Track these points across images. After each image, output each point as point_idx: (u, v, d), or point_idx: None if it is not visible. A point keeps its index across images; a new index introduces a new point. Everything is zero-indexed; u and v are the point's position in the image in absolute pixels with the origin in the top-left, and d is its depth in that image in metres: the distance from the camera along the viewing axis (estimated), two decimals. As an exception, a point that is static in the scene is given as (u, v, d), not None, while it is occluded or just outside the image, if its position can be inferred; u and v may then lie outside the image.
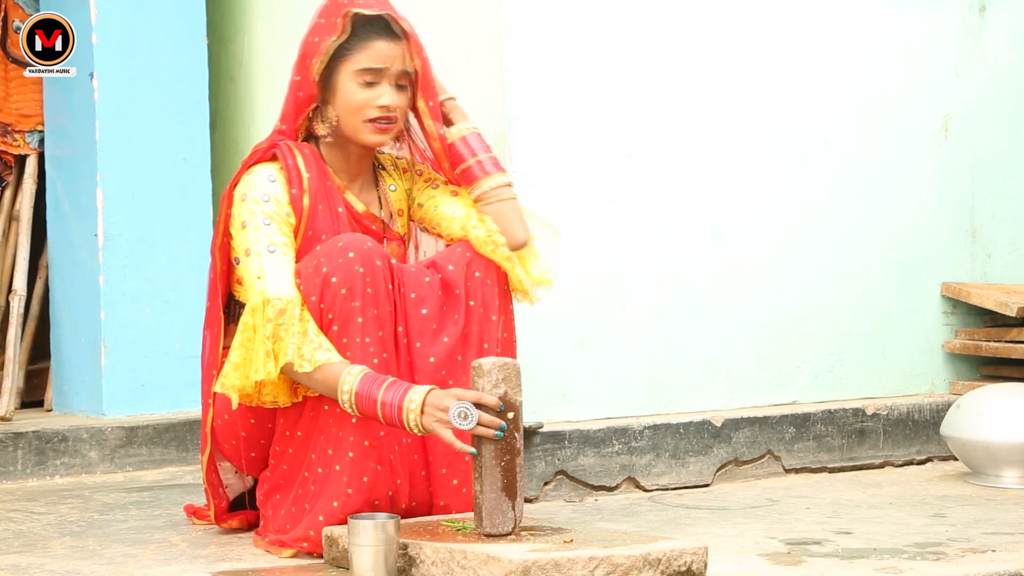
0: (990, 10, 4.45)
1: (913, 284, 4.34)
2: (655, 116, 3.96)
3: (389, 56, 3.18)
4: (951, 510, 3.53)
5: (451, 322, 3.13)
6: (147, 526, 3.42)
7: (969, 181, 4.43)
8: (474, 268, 3.17)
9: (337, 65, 3.19)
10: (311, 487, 3.07)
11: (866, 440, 4.14)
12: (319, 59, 3.18)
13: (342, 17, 3.17)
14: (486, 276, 3.17)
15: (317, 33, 3.21)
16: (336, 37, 3.18)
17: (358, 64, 3.17)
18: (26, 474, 4.16)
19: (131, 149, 4.49)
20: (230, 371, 3.04)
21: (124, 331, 4.46)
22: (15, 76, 4.73)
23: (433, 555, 2.80)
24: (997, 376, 4.31)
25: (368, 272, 3.04)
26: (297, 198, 3.15)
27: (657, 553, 2.75)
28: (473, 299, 3.15)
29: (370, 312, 3.04)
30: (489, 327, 3.16)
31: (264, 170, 3.17)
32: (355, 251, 3.05)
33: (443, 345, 3.12)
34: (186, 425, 4.34)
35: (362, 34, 3.18)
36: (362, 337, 3.03)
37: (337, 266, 3.04)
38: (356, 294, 3.03)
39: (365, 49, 3.18)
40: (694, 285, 4.01)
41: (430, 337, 3.12)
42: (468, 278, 3.16)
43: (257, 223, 3.11)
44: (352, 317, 3.03)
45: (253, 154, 3.21)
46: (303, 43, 3.24)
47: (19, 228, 4.71)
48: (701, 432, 3.91)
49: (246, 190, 3.15)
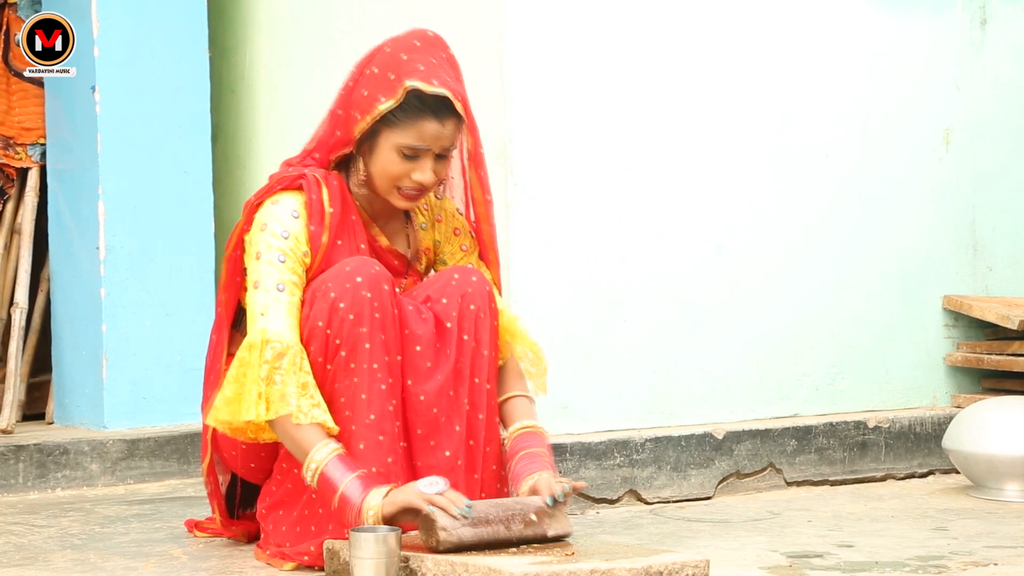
0: (991, 24, 4.45)
1: (914, 297, 4.34)
2: (656, 129, 3.96)
3: (437, 138, 3.07)
4: (953, 523, 3.52)
5: (444, 359, 3.10)
6: (148, 539, 3.41)
7: (970, 194, 4.43)
8: (468, 301, 3.12)
9: (381, 128, 3.08)
10: (318, 509, 3.06)
11: (868, 453, 4.14)
12: (365, 118, 3.08)
13: (401, 85, 3.04)
14: (480, 310, 3.12)
15: (370, 86, 3.09)
16: (388, 102, 3.05)
17: (403, 140, 3.06)
18: (27, 487, 4.15)
19: (133, 162, 4.49)
20: (222, 406, 3.02)
21: (125, 344, 4.46)
22: (17, 89, 4.74)
23: (435, 568, 2.80)
24: (999, 389, 4.31)
25: (376, 297, 3.03)
26: (316, 235, 3.10)
27: (659, 566, 2.75)
28: (466, 333, 3.11)
29: (377, 338, 3.02)
30: (480, 361, 3.12)
31: (289, 203, 3.11)
32: (363, 276, 3.03)
33: (435, 383, 3.07)
34: (187, 438, 4.34)
35: (414, 106, 3.05)
36: (369, 363, 3.01)
37: (345, 291, 3.02)
38: (364, 320, 3.01)
39: (414, 127, 3.06)
40: (695, 298, 4.01)
41: (423, 375, 3.08)
42: (462, 311, 3.11)
43: (272, 258, 3.07)
44: (360, 343, 3.01)
45: (282, 179, 3.13)
46: (354, 82, 3.11)
47: (21, 241, 4.71)
48: (703, 445, 3.91)
49: (267, 220, 3.09)
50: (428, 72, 3.07)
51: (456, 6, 3.92)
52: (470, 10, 3.87)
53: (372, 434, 2.99)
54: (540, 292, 3.78)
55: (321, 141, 3.19)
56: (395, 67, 3.08)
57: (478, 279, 3.15)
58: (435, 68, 3.08)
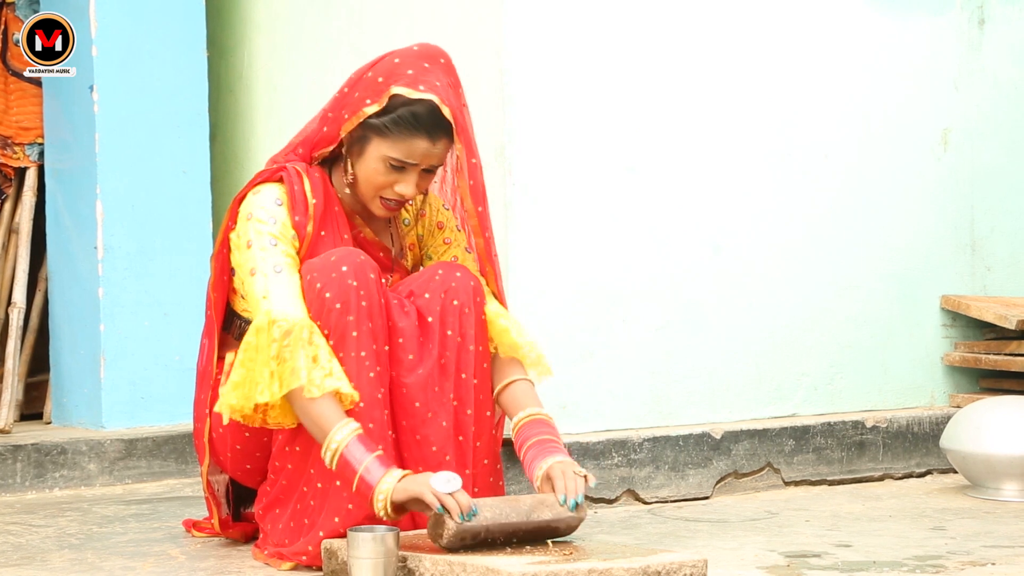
0: (989, 24, 4.45)
1: (913, 297, 4.34)
2: (656, 130, 3.96)
3: (426, 155, 3.08)
4: (951, 523, 3.52)
5: (426, 353, 3.10)
6: (146, 539, 3.41)
7: (969, 194, 4.43)
8: (452, 296, 3.13)
9: (371, 135, 3.09)
10: (311, 502, 3.07)
11: (866, 453, 4.14)
12: (352, 119, 3.10)
13: (387, 90, 3.06)
14: (464, 305, 3.13)
15: (361, 88, 3.10)
16: (372, 105, 3.06)
17: (392, 152, 3.07)
18: (25, 487, 4.15)
19: (131, 161, 4.50)
20: (229, 391, 3.01)
21: (123, 343, 4.46)
22: (15, 89, 4.74)
23: (432, 567, 2.80)
24: (997, 389, 4.31)
25: (362, 285, 3.03)
26: (301, 225, 3.12)
27: (657, 566, 2.75)
28: (450, 328, 3.11)
29: (365, 326, 3.03)
30: (466, 356, 3.12)
31: (271, 191, 3.13)
32: (348, 264, 3.03)
33: (417, 376, 3.07)
34: (185, 437, 4.34)
35: (408, 123, 3.05)
36: (357, 351, 3.02)
37: (331, 280, 3.02)
38: (351, 308, 3.02)
39: (405, 143, 3.07)
40: (694, 298, 4.01)
41: (407, 367, 3.08)
42: (445, 306, 3.11)
43: (264, 243, 3.07)
44: (347, 331, 3.01)
45: (262, 172, 3.17)
46: (351, 87, 3.13)
47: (19, 240, 4.71)
48: (701, 445, 3.91)
49: (251, 209, 3.11)
50: (416, 77, 3.07)
51: (455, 6, 3.92)
52: (469, 10, 3.87)
53: (362, 422, 2.99)
54: (539, 292, 3.78)
55: (307, 138, 3.21)
56: (386, 72, 3.09)
57: (462, 274, 3.15)
58: (425, 72, 3.08)
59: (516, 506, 2.90)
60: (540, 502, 2.92)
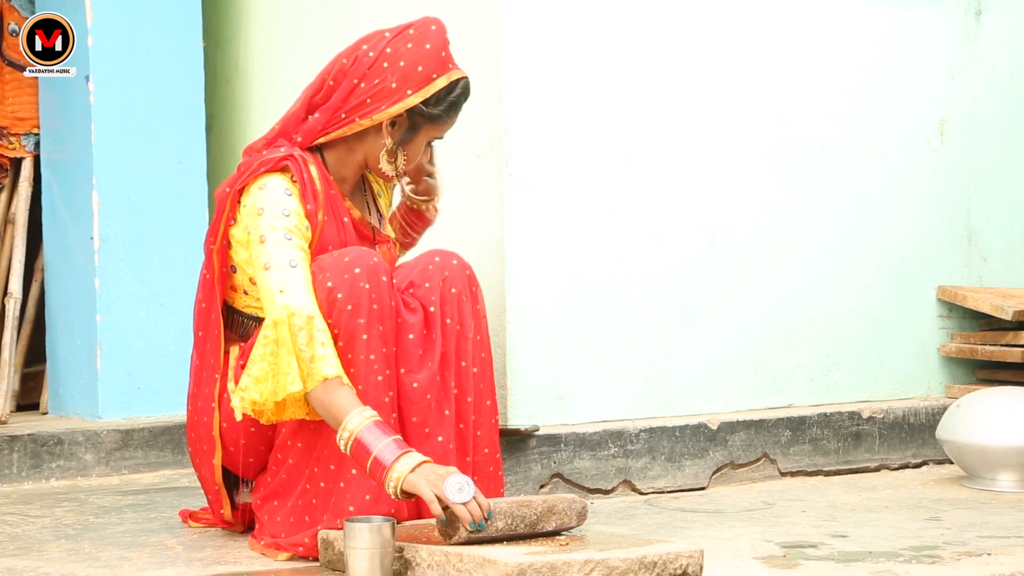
0: (985, 15, 4.45)
1: (909, 288, 4.34)
2: (652, 122, 3.96)
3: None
4: (946, 513, 3.53)
5: (432, 345, 3.11)
6: (143, 529, 3.42)
7: (965, 185, 4.43)
8: (449, 284, 3.15)
9: (421, 122, 3.18)
10: (312, 500, 3.06)
11: (862, 443, 4.15)
12: (391, 108, 3.15)
13: (428, 77, 3.14)
14: (461, 293, 3.15)
15: (388, 76, 3.14)
16: (416, 95, 3.14)
17: (439, 133, 3.23)
18: (21, 477, 4.15)
19: (127, 152, 4.49)
20: (251, 384, 3.00)
21: (120, 334, 4.46)
22: (11, 79, 4.73)
23: (429, 558, 2.80)
24: (993, 380, 4.32)
25: (374, 288, 3.03)
26: (312, 213, 3.12)
27: (653, 556, 2.75)
28: (449, 317, 3.14)
29: (375, 328, 3.03)
30: (465, 344, 3.14)
31: (278, 183, 3.12)
32: (361, 267, 3.03)
33: (427, 371, 3.09)
34: (182, 428, 4.33)
35: (453, 104, 3.19)
36: (366, 354, 3.02)
37: (343, 281, 3.02)
38: (361, 310, 3.02)
39: (448, 123, 3.21)
40: (690, 290, 4.01)
41: (416, 363, 3.09)
42: (443, 295, 3.14)
43: (278, 238, 3.06)
44: (357, 333, 3.01)
45: (265, 161, 3.13)
46: (360, 76, 3.15)
47: (15, 231, 4.71)
48: (697, 435, 3.92)
49: (262, 204, 3.09)
50: (447, 58, 3.18)
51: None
52: (465, 1, 3.86)
53: None
54: (535, 284, 3.78)
55: (310, 128, 3.19)
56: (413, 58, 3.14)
57: (458, 262, 3.19)
58: (442, 47, 3.18)
59: (526, 513, 2.89)
60: (549, 509, 2.93)
